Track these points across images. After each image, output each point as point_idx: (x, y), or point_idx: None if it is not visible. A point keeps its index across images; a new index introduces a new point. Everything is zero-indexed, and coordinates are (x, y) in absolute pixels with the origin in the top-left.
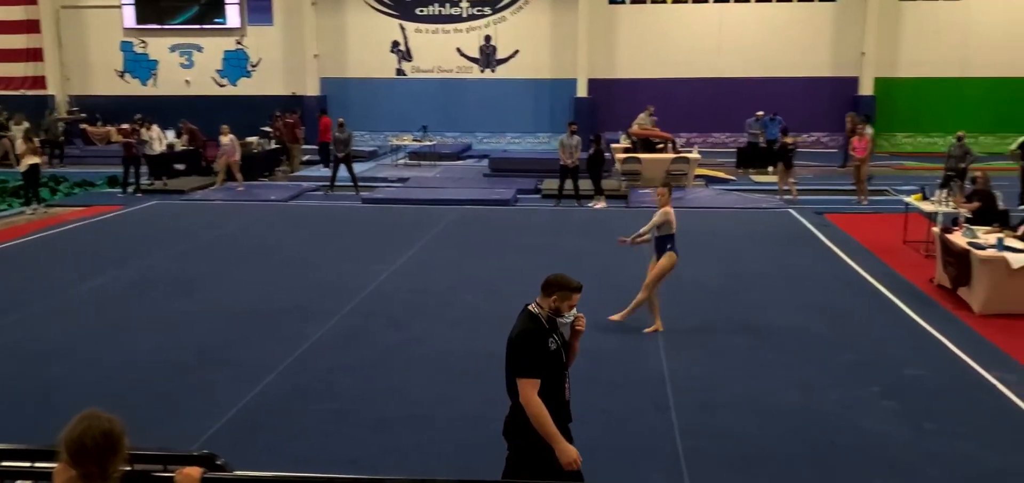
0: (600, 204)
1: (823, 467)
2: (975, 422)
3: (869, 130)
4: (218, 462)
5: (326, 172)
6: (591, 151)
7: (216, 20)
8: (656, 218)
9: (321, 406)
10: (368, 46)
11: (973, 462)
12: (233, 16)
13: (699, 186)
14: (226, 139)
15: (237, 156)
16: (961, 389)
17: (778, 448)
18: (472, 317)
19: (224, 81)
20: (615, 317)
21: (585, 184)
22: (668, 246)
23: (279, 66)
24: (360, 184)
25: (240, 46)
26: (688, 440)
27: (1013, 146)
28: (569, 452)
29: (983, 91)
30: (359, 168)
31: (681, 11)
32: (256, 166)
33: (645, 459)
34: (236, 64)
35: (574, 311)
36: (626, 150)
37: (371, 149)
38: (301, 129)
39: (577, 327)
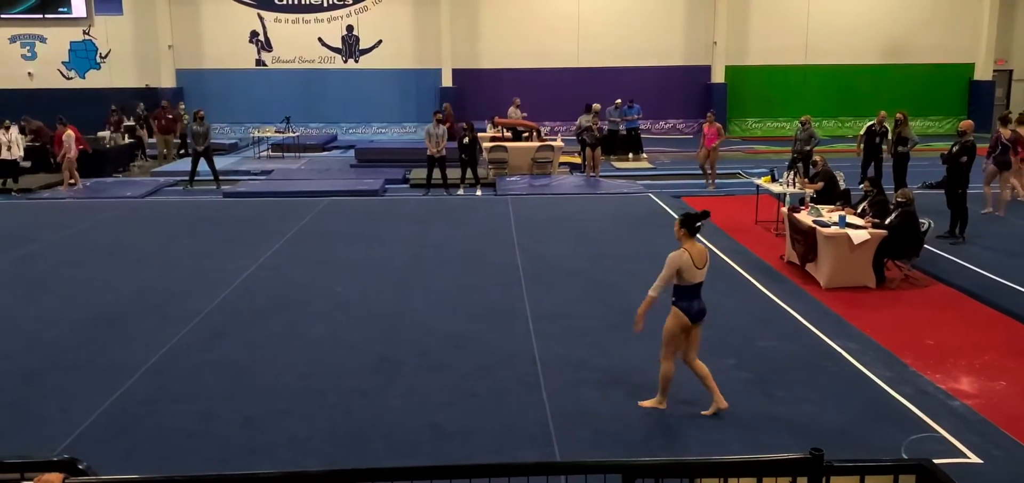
0: (478, 192)
1: (683, 436)
2: (820, 387)
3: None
4: (80, 466)
5: (186, 167)
6: (466, 140)
7: (60, 9)
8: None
9: (186, 407)
10: (226, 36)
11: (818, 424)
12: (78, 5)
13: (564, 173)
14: (63, 134)
15: (73, 152)
16: (808, 357)
17: (640, 421)
18: (340, 310)
19: (72, 73)
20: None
21: (455, 172)
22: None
23: (131, 58)
24: (221, 177)
25: (88, 36)
26: (558, 418)
27: (862, 131)
28: None
29: (824, 77)
30: (220, 162)
31: (542, 1)
32: (107, 162)
33: (518, 438)
34: (84, 56)
35: None
36: (493, 139)
37: (232, 142)
38: (180, 121)
39: None
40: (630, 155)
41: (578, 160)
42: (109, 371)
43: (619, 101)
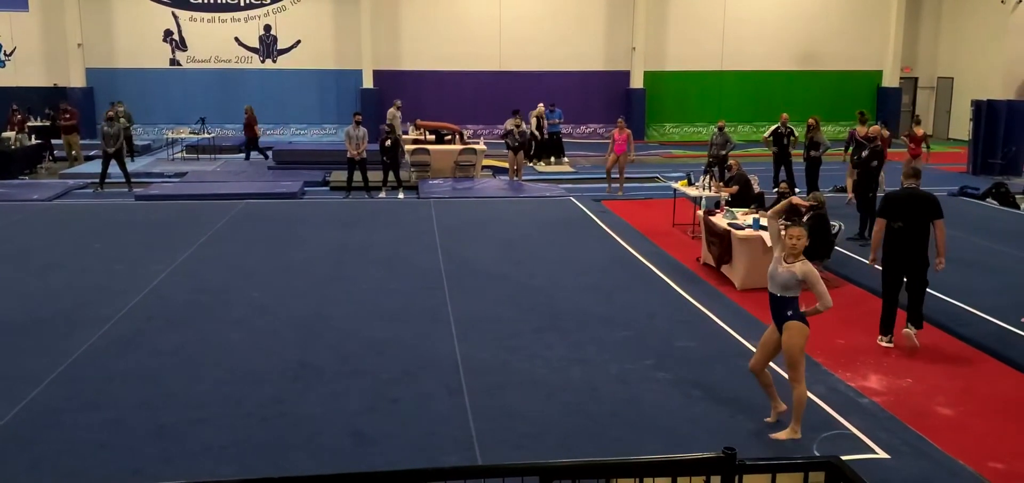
0: (400, 195)
1: (603, 437)
2: (736, 388)
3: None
4: None
5: (96, 169)
6: (388, 142)
7: None
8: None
9: (96, 417)
10: (139, 34)
11: (734, 423)
12: None
13: (487, 176)
14: None
15: None
16: (725, 358)
17: (562, 422)
18: (257, 315)
19: None
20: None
21: (376, 175)
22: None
23: (38, 55)
24: (134, 180)
25: None
26: (480, 422)
27: (766, 134)
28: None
29: (740, 83)
30: (133, 164)
31: (463, 4)
32: (13, 164)
33: (440, 443)
34: None
35: None
36: (415, 141)
37: (145, 143)
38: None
39: None
40: (552, 159)
41: (505, 164)
42: (14, 380)
43: (542, 105)
